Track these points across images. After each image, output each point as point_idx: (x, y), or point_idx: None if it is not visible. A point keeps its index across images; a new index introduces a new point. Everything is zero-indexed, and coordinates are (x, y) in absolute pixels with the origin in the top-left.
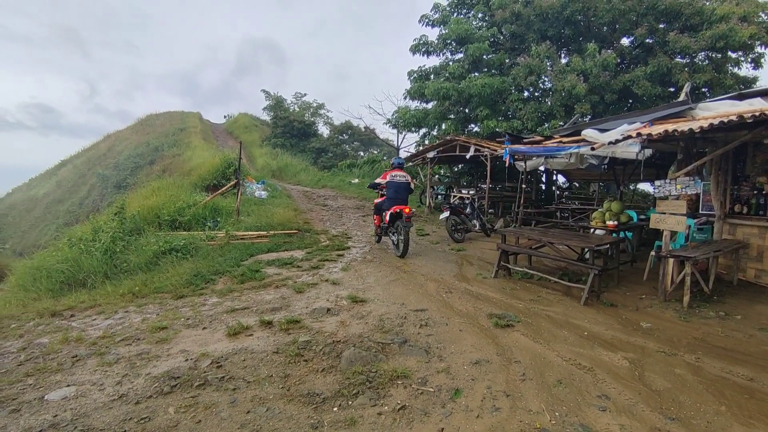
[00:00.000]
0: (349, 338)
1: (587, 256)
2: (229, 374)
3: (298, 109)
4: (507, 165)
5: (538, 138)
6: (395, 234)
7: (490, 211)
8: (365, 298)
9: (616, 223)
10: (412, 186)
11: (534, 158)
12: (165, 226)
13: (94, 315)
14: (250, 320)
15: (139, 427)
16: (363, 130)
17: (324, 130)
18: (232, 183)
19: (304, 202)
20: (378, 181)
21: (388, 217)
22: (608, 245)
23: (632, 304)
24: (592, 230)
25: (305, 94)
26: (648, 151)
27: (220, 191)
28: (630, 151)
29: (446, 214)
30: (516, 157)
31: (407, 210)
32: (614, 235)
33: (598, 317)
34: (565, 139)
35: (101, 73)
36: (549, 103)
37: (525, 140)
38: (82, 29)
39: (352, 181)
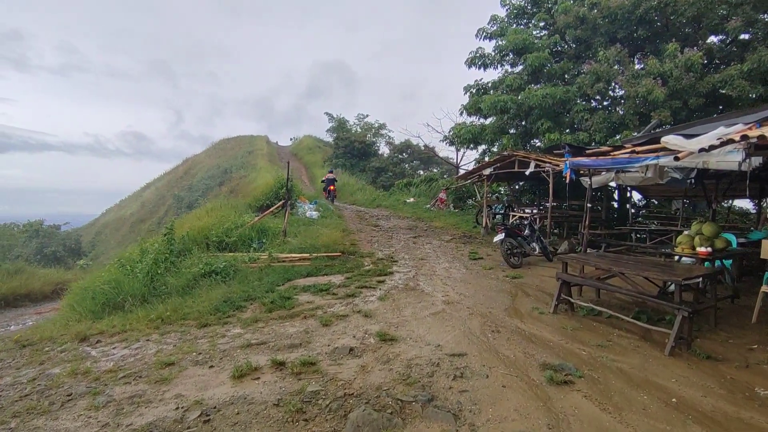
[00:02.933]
0: (365, 390)
1: (671, 289)
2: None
3: (359, 130)
4: (568, 181)
5: (605, 148)
6: (329, 198)
7: (554, 231)
8: (396, 336)
9: (709, 249)
10: (337, 179)
11: (603, 173)
12: (213, 247)
13: (116, 342)
14: (262, 359)
15: None
16: (422, 148)
17: (385, 150)
18: (280, 203)
19: (356, 222)
20: (323, 179)
21: (326, 192)
22: (701, 278)
23: (739, 357)
24: (677, 258)
25: (367, 115)
26: (756, 160)
27: (267, 212)
28: (729, 160)
29: (501, 236)
30: (581, 172)
31: (332, 187)
32: (708, 264)
33: (690, 375)
34: (638, 149)
35: (186, 102)
36: (620, 111)
37: (588, 152)
38: (172, 62)
39: (407, 201)
